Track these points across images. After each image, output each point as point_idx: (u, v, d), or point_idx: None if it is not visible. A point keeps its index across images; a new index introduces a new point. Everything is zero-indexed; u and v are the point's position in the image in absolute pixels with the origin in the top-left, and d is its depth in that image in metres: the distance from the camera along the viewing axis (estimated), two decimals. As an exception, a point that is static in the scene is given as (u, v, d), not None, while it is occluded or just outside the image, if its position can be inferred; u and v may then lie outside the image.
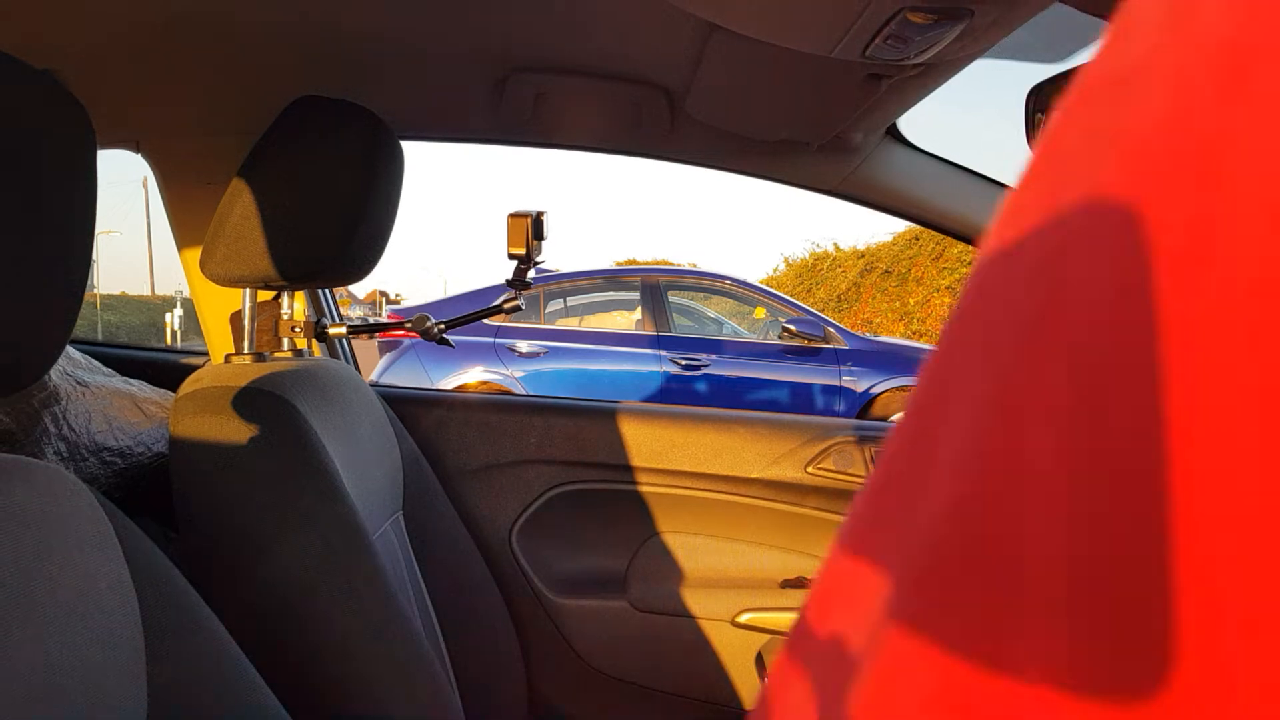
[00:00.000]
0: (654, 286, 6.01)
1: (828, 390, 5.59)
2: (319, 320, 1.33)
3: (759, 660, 1.54)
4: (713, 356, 5.64)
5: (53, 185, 0.53)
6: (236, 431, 0.97)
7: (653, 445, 1.62)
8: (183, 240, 1.47)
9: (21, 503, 0.54)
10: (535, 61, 1.19)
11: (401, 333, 2.27)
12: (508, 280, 1.40)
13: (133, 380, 1.48)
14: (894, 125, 1.37)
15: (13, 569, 0.51)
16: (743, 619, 1.55)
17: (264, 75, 1.22)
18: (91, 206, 0.58)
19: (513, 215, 1.33)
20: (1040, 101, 1.15)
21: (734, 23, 0.88)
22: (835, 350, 5.66)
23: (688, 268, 10.95)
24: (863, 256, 12.99)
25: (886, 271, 12.22)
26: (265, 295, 1.27)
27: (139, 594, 0.61)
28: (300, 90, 1.15)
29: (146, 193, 23.25)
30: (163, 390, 1.49)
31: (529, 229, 1.32)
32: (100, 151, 1.06)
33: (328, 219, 1.07)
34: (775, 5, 0.82)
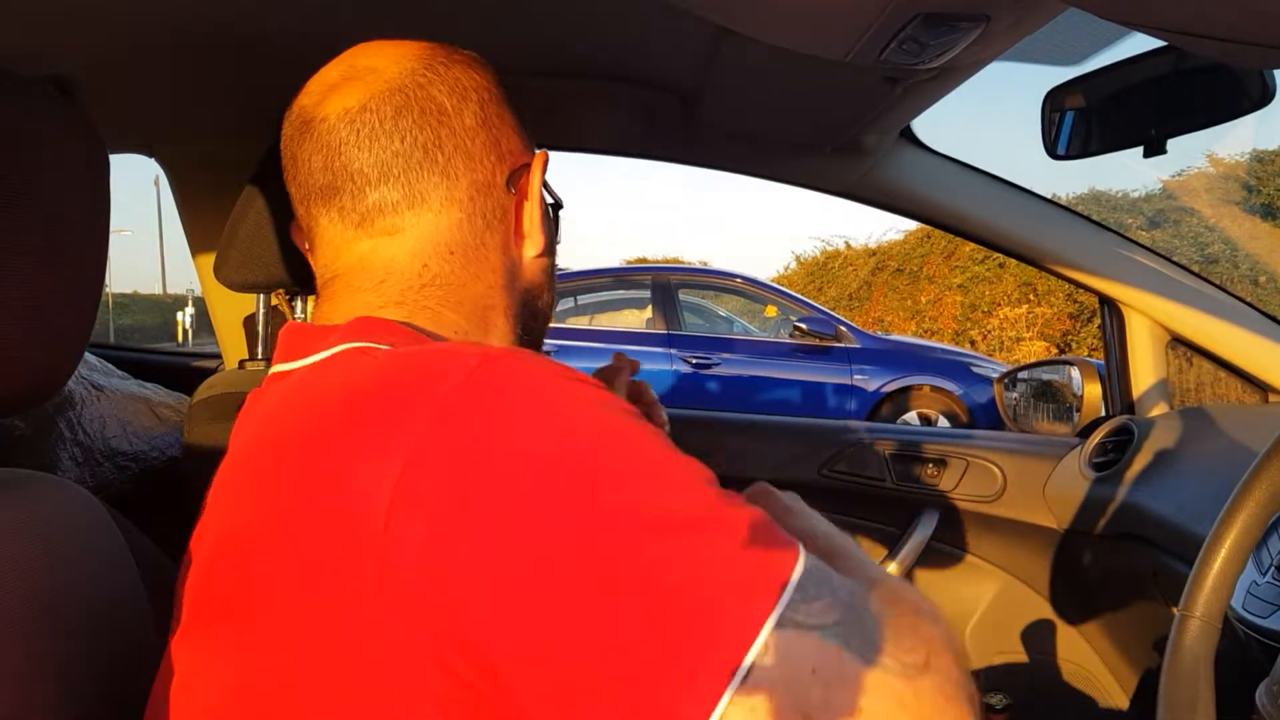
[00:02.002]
0: (665, 285, 6.00)
1: (839, 389, 5.56)
2: (332, 324, 1.33)
3: None
4: (724, 355, 5.63)
5: (66, 200, 0.53)
6: None
7: None
8: (196, 244, 1.47)
9: (28, 516, 0.54)
10: (547, 66, 1.19)
11: None
12: None
13: (147, 384, 1.49)
14: (908, 127, 1.36)
15: (27, 583, 0.51)
16: None
17: (276, 81, 1.22)
18: (105, 218, 0.58)
19: None
20: (1056, 104, 1.14)
21: (749, 28, 0.87)
22: (846, 349, 5.64)
23: (699, 266, 10.92)
24: (874, 255, 12.91)
25: (898, 270, 12.15)
26: (278, 298, 1.27)
27: (153, 605, 0.61)
28: None
29: (159, 190, 23.18)
30: (177, 394, 1.50)
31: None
32: (112, 155, 1.06)
33: None
34: (791, 11, 0.81)
